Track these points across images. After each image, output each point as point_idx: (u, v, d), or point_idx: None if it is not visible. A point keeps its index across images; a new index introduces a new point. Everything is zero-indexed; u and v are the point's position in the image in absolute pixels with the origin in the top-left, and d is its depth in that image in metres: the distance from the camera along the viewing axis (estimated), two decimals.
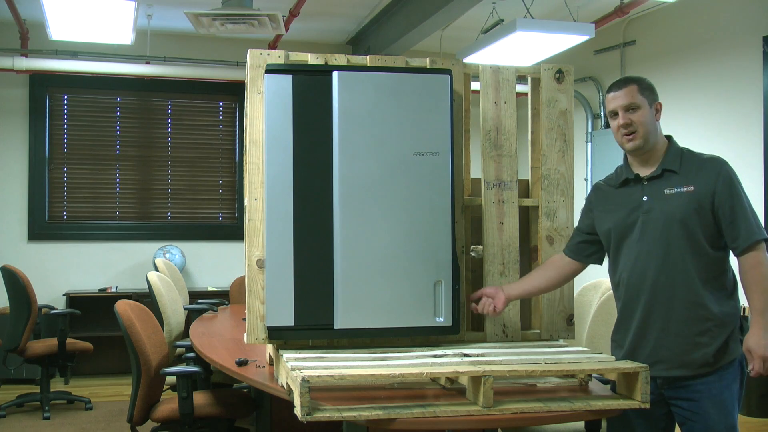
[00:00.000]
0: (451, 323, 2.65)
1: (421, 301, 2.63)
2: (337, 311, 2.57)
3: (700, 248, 2.39)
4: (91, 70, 6.64)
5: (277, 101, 2.58)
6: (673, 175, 2.45)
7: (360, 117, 2.60)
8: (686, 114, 6.30)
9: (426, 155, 2.63)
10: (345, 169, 2.59)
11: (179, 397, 3.27)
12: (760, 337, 2.34)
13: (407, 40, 6.37)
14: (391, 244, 2.61)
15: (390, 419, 2.09)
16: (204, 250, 7.38)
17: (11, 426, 5.13)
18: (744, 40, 5.71)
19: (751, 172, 5.61)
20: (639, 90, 2.49)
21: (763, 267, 2.36)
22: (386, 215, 2.61)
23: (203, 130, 7.48)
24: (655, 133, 2.50)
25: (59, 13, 4.68)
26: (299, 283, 2.57)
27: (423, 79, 2.67)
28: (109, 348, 6.54)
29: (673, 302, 2.40)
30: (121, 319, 3.28)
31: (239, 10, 5.00)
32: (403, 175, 2.62)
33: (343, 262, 2.58)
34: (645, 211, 2.46)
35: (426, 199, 2.64)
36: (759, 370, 2.37)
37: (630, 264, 2.49)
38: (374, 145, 2.61)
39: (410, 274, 2.62)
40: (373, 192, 2.60)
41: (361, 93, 2.61)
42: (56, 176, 7.11)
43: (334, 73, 2.60)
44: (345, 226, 2.58)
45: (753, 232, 2.36)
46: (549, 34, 5.10)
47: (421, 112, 2.64)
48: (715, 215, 2.39)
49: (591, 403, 2.28)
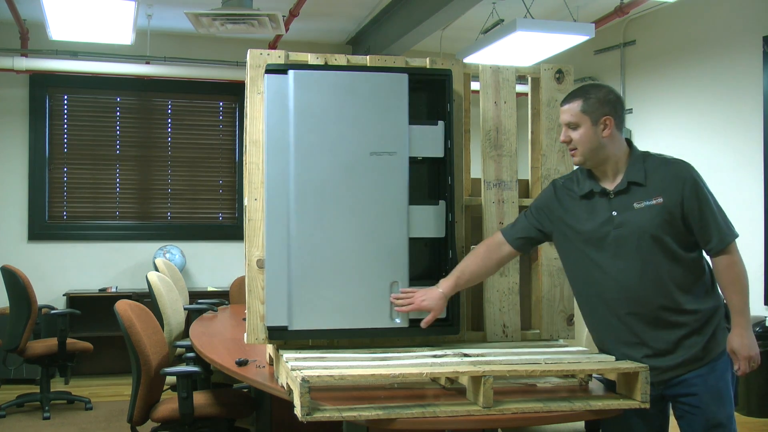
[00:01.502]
0: (408, 325, 2.62)
1: (378, 302, 2.60)
2: (292, 312, 2.55)
3: (676, 256, 2.38)
4: (91, 70, 6.64)
5: (277, 101, 2.58)
6: (639, 188, 2.41)
7: (316, 116, 2.57)
8: (686, 114, 6.30)
9: (383, 155, 2.60)
10: (300, 169, 2.55)
11: (179, 397, 3.27)
12: (743, 337, 2.35)
13: (407, 40, 6.37)
14: (347, 244, 2.58)
15: (390, 419, 2.09)
16: (204, 250, 7.38)
17: (11, 426, 5.13)
18: (744, 40, 5.71)
19: (751, 172, 5.61)
20: (582, 107, 2.43)
21: (736, 266, 2.37)
22: (342, 215, 2.58)
23: (203, 130, 7.48)
24: (599, 149, 2.43)
25: (59, 13, 4.68)
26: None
27: (380, 78, 2.63)
28: (109, 348, 6.53)
29: (657, 313, 2.38)
30: (121, 319, 3.28)
31: (239, 10, 5.00)
32: (359, 175, 2.59)
33: (298, 262, 2.55)
34: (616, 226, 2.41)
35: (383, 199, 2.60)
36: (745, 370, 2.37)
37: (608, 280, 2.43)
38: (330, 144, 2.57)
39: (366, 274, 2.59)
40: (328, 192, 2.57)
41: (317, 92, 2.58)
42: (56, 176, 7.11)
43: (289, 72, 2.57)
44: (300, 226, 2.55)
45: (725, 234, 2.36)
46: (549, 34, 5.11)
47: (379, 112, 2.61)
48: (686, 221, 2.37)
49: (591, 403, 2.28)
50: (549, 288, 2.91)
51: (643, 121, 6.79)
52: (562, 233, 2.56)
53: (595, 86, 2.51)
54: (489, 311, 2.85)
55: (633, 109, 6.90)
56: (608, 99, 2.44)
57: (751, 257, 5.30)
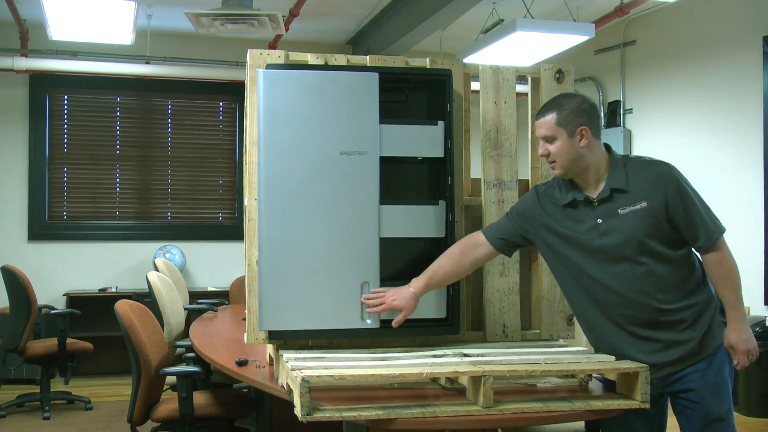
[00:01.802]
0: (379, 326, 2.59)
1: (349, 303, 2.58)
2: (262, 313, 2.54)
3: (664, 256, 2.38)
4: (91, 70, 6.64)
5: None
6: (622, 194, 2.40)
7: (285, 116, 2.55)
8: (686, 114, 6.30)
9: (353, 154, 2.58)
10: (269, 168, 2.53)
11: (179, 397, 3.27)
12: (740, 332, 2.36)
13: (407, 40, 6.37)
14: (318, 244, 2.56)
15: (390, 419, 2.09)
16: (204, 250, 7.38)
17: (11, 426, 5.13)
18: (744, 40, 5.71)
19: (751, 172, 5.61)
20: (556, 120, 2.43)
21: (726, 261, 2.37)
22: (312, 215, 2.55)
23: (203, 130, 7.48)
24: (579, 160, 2.43)
25: (59, 13, 4.68)
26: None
27: (351, 77, 2.61)
28: (109, 348, 6.53)
29: (651, 313, 2.39)
30: (121, 319, 3.28)
31: (239, 10, 5.00)
32: (329, 175, 2.56)
33: (268, 262, 2.53)
34: (602, 233, 2.41)
35: (353, 199, 2.58)
36: (744, 364, 2.37)
37: (596, 286, 2.44)
38: (300, 143, 2.55)
39: (337, 275, 2.57)
40: (298, 191, 2.55)
41: (287, 92, 2.56)
42: (56, 176, 7.11)
43: (258, 71, 2.56)
44: (269, 225, 2.53)
45: (711, 231, 2.36)
46: (549, 34, 5.11)
47: (349, 111, 2.59)
48: (671, 222, 2.37)
49: (591, 403, 2.28)
50: (549, 288, 2.91)
51: (643, 121, 6.79)
52: (544, 241, 2.55)
53: (567, 96, 2.50)
54: (489, 311, 2.85)
55: (633, 109, 6.90)
56: (582, 109, 2.43)
57: (751, 257, 5.30)
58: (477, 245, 2.62)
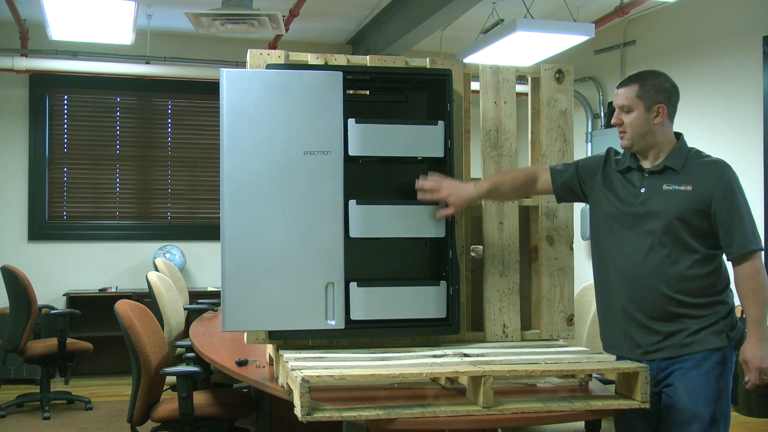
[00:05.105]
0: (343, 326, 2.57)
1: (313, 304, 2.56)
2: (225, 314, 2.51)
3: (689, 246, 2.39)
4: (91, 70, 6.64)
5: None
6: (674, 173, 2.45)
7: (248, 115, 2.53)
8: (686, 114, 6.28)
9: (317, 154, 2.56)
10: (232, 168, 2.52)
11: (179, 397, 3.27)
12: (757, 348, 2.34)
13: (407, 40, 6.37)
14: (282, 244, 2.54)
15: (390, 419, 2.09)
16: (204, 250, 7.38)
17: (11, 426, 5.13)
18: (744, 40, 5.71)
19: (751, 172, 5.61)
20: (638, 92, 2.48)
21: (758, 276, 2.35)
22: (276, 215, 2.53)
23: (203, 130, 7.48)
24: (648, 135, 2.49)
25: (59, 13, 4.68)
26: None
27: (314, 76, 2.59)
28: (109, 348, 6.53)
29: (657, 300, 2.41)
30: (121, 319, 3.28)
31: (239, 10, 5.00)
32: (293, 175, 2.54)
33: (231, 262, 2.51)
34: (640, 202, 2.47)
35: (317, 199, 2.56)
36: (755, 382, 2.36)
37: (618, 255, 2.49)
38: (263, 143, 2.53)
39: (301, 275, 2.55)
40: (262, 191, 2.53)
41: (250, 91, 2.54)
42: (56, 176, 7.11)
43: (221, 70, 2.55)
44: (233, 225, 2.51)
45: (748, 240, 2.35)
46: (549, 34, 5.10)
47: (313, 111, 2.57)
48: (712, 218, 2.38)
49: (591, 403, 2.28)
50: (549, 288, 2.91)
51: None
52: (596, 201, 2.62)
53: (653, 72, 2.56)
54: (489, 311, 2.85)
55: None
56: (664, 87, 2.51)
57: None
58: (538, 177, 2.71)
